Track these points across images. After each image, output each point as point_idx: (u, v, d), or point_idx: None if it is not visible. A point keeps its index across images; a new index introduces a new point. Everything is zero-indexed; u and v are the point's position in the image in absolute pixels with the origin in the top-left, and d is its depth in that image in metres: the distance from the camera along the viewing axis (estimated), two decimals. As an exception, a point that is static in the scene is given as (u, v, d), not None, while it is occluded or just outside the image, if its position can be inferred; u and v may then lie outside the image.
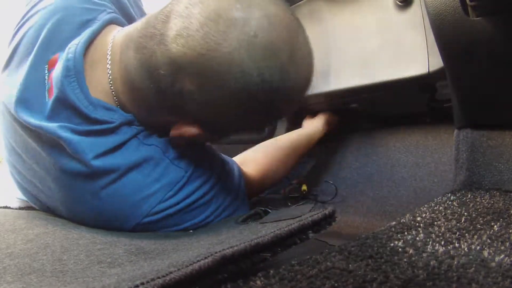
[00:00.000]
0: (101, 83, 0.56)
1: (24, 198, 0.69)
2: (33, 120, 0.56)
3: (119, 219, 0.56)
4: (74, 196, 0.57)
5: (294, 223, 0.41)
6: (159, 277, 0.30)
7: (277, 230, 0.40)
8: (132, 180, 0.55)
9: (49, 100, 0.56)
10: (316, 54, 0.96)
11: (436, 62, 0.71)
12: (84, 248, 0.45)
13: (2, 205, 0.73)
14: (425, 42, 0.74)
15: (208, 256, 0.33)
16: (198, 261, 0.33)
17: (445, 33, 0.61)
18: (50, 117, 0.55)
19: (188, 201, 0.58)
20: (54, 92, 0.55)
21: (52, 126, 0.54)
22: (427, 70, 0.73)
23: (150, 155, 0.56)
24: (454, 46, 0.61)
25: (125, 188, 0.55)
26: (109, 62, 0.56)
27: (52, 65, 0.57)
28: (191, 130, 0.55)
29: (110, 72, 0.56)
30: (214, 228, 0.56)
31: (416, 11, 0.75)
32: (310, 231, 0.42)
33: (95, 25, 0.59)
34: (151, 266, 0.37)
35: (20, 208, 0.71)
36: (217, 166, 0.63)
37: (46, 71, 0.57)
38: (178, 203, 0.57)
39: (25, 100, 0.57)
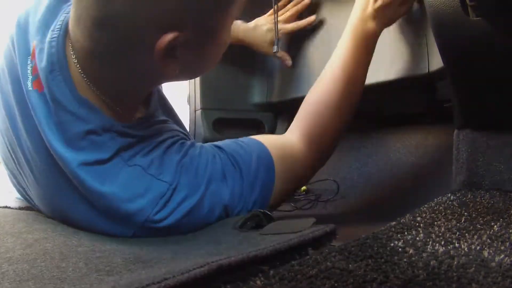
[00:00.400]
0: (79, 78, 0.55)
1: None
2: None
3: (111, 230, 0.56)
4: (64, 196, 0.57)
5: (294, 238, 0.41)
6: (154, 283, 0.30)
7: (277, 244, 0.39)
8: (116, 198, 0.54)
9: (33, 90, 0.55)
10: (316, 54, 0.96)
11: (436, 62, 0.71)
12: (83, 256, 0.45)
13: (2, 205, 0.73)
14: (425, 42, 0.73)
15: (205, 265, 0.33)
16: (194, 269, 0.33)
17: (445, 33, 0.61)
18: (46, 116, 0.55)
19: (179, 212, 0.55)
20: (44, 88, 0.54)
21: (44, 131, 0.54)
22: (427, 70, 0.73)
23: (132, 176, 0.55)
24: (454, 46, 0.61)
25: (111, 202, 0.54)
26: (72, 51, 0.54)
27: (33, 56, 0.56)
28: (167, 37, 0.49)
29: (76, 61, 0.54)
30: (212, 234, 0.55)
31: (416, 11, 0.75)
32: (310, 248, 0.42)
33: (65, 14, 0.57)
34: (148, 273, 0.37)
35: (20, 208, 0.71)
36: (214, 170, 0.58)
37: (29, 61, 0.56)
38: (166, 218, 0.55)
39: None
